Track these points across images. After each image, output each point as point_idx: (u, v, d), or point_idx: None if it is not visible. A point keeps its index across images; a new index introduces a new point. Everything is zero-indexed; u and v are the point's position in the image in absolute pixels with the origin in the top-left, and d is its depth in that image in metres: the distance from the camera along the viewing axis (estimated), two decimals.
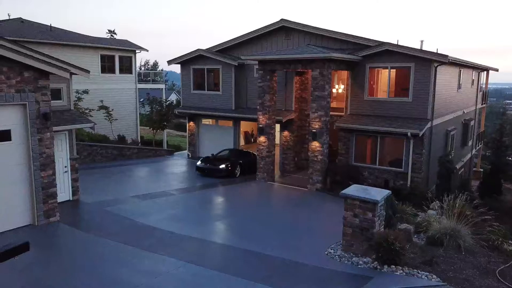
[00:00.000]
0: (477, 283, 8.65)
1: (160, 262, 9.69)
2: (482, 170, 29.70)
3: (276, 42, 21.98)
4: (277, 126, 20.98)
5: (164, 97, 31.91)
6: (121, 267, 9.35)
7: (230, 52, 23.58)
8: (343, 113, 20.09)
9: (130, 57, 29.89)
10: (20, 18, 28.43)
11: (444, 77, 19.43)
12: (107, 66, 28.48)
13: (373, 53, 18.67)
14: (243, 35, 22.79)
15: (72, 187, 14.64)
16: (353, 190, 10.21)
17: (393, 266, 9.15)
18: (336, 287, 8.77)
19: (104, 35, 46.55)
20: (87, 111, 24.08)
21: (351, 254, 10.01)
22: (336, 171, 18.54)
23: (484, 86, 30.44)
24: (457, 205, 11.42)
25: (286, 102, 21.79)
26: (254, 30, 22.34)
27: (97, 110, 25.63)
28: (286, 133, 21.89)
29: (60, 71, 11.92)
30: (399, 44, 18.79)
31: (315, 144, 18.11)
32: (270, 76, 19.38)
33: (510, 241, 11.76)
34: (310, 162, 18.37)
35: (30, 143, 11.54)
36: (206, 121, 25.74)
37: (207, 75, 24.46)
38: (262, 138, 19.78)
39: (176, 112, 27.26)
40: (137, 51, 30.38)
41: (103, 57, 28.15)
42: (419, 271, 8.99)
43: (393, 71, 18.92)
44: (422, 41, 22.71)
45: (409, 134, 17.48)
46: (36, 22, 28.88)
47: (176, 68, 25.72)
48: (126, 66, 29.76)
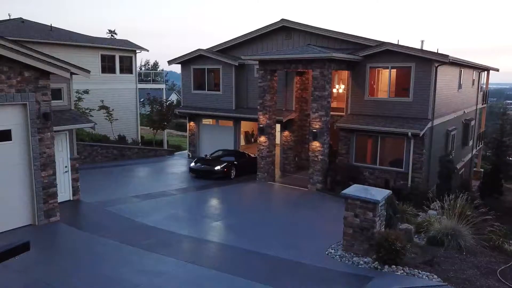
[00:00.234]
0: (478, 283, 8.65)
1: (160, 262, 9.69)
2: (483, 170, 29.69)
3: (277, 42, 21.97)
4: (278, 126, 20.97)
5: (165, 97, 31.92)
6: (122, 267, 9.35)
7: (231, 52, 23.57)
8: (344, 113, 20.09)
9: (131, 57, 29.89)
10: (21, 18, 28.40)
11: (445, 77, 19.42)
12: (108, 66, 28.48)
13: (374, 53, 18.66)
14: (244, 35, 22.79)
15: (73, 187, 14.64)
16: (354, 190, 10.22)
17: (394, 266, 9.16)
18: (337, 287, 8.77)
19: (105, 35, 46.61)
20: (88, 111, 24.10)
21: (352, 254, 10.01)
22: (337, 171, 18.53)
23: (485, 86, 30.42)
24: (458, 205, 11.43)
25: (287, 102, 21.79)
26: (255, 30, 22.33)
27: (98, 110, 25.64)
28: (287, 133, 21.89)
29: (61, 71, 11.92)
30: (400, 44, 18.79)
31: (316, 144, 18.10)
32: (271, 76, 19.37)
33: (511, 241, 11.76)
34: (311, 162, 18.36)
35: (31, 143, 11.54)
36: (207, 121, 25.73)
37: (208, 75, 24.46)
38: (263, 138, 19.78)
39: (177, 112, 27.26)
40: (138, 51, 30.38)
41: (104, 57, 28.15)
42: (420, 271, 8.99)
43: (394, 71, 18.91)
44: (423, 41, 22.73)
45: (410, 134, 17.48)
46: (37, 22, 28.86)
47: (177, 68, 25.92)
48: (127, 66, 29.75)
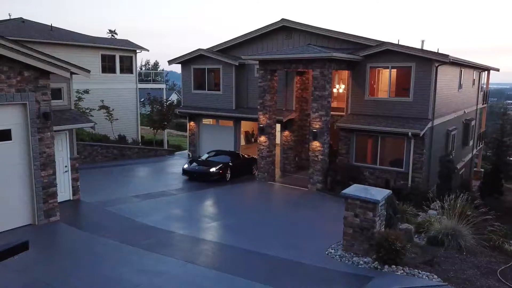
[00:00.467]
0: (478, 283, 8.63)
1: (160, 262, 9.68)
2: (483, 170, 29.67)
3: (277, 42, 21.96)
4: (278, 126, 20.97)
5: (165, 97, 31.90)
6: (121, 267, 9.34)
7: (231, 52, 23.56)
8: (344, 113, 20.08)
9: (131, 57, 29.88)
10: (21, 18, 28.38)
11: (445, 77, 19.40)
12: (108, 66, 28.47)
13: (374, 53, 18.65)
14: (244, 35, 22.78)
15: (73, 187, 14.64)
16: (354, 190, 10.21)
17: (394, 266, 9.15)
18: (337, 287, 8.76)
19: (105, 35, 46.57)
20: (88, 111, 24.10)
21: (352, 254, 10.00)
22: (337, 171, 18.51)
23: (485, 86, 30.39)
24: (458, 205, 11.41)
25: (287, 102, 21.78)
26: (255, 30, 22.32)
27: (98, 110, 25.63)
28: (287, 133, 21.88)
29: (61, 71, 11.91)
30: (400, 44, 18.78)
31: (316, 144, 18.09)
32: (271, 76, 19.37)
33: (511, 241, 11.75)
34: (311, 162, 18.35)
35: (31, 143, 11.53)
36: (207, 121, 25.72)
37: (208, 75, 24.45)
38: (263, 138, 19.77)
39: (177, 112, 27.26)
40: (138, 51, 30.36)
41: (104, 57, 28.14)
42: (420, 271, 8.98)
43: (394, 71, 18.90)
44: (423, 41, 22.67)
45: (410, 134, 17.47)
46: (37, 22, 28.84)
47: (177, 68, 25.90)
48: (127, 66, 29.74)
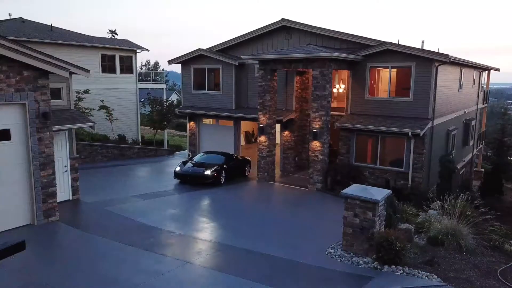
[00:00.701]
0: (478, 283, 8.62)
1: (160, 262, 9.67)
2: (483, 170, 29.64)
3: (277, 42, 21.94)
4: (278, 126, 20.95)
5: (165, 97, 31.90)
6: (121, 267, 9.32)
7: (231, 52, 23.55)
8: (344, 113, 20.05)
9: (131, 57, 29.88)
10: (21, 18, 28.38)
11: (445, 77, 19.38)
12: (108, 66, 28.46)
13: (374, 53, 18.62)
14: (244, 35, 22.76)
15: (72, 187, 14.62)
16: (354, 190, 10.19)
17: (394, 266, 9.13)
18: (336, 287, 8.74)
19: (105, 35, 46.56)
20: (88, 111, 24.08)
21: (352, 254, 9.99)
22: (337, 171, 18.49)
23: (485, 86, 30.37)
24: (458, 205, 11.41)
25: (287, 102, 21.75)
26: (255, 30, 22.30)
27: (98, 110, 25.62)
28: (287, 133, 21.85)
29: (60, 71, 11.90)
30: (400, 44, 18.76)
31: (316, 144, 18.07)
32: (271, 76, 19.34)
33: (511, 241, 11.72)
34: (311, 162, 18.33)
35: (30, 143, 11.52)
36: (207, 121, 25.71)
37: (208, 75, 24.43)
38: (263, 138, 19.75)
39: (177, 112, 27.24)
40: (138, 51, 30.36)
41: (104, 57, 28.14)
42: (420, 271, 8.97)
43: (394, 71, 18.88)
44: (423, 41, 22.61)
45: (410, 134, 17.44)
46: (37, 22, 28.84)
47: (177, 68, 25.95)
48: (127, 66, 29.73)
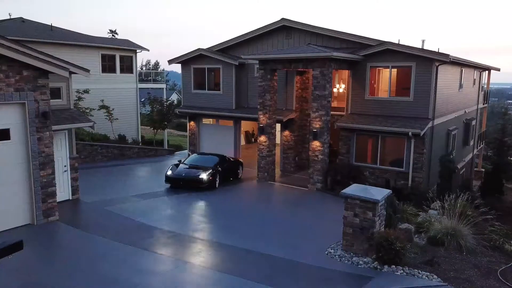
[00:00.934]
0: (478, 283, 8.60)
1: (160, 261, 9.66)
2: (484, 170, 29.60)
3: (277, 42, 21.92)
4: (278, 126, 20.92)
5: (165, 97, 31.88)
6: (120, 267, 9.32)
7: (231, 52, 23.53)
8: (344, 113, 20.02)
9: (131, 57, 29.86)
10: (21, 18, 28.37)
11: (446, 77, 19.35)
12: (108, 66, 28.45)
13: (374, 52, 18.59)
14: (244, 35, 22.74)
15: (72, 187, 14.61)
16: (353, 190, 10.17)
17: (394, 266, 9.11)
18: (336, 287, 8.72)
19: (105, 35, 46.54)
20: (88, 111, 24.07)
21: (352, 254, 9.97)
22: (337, 171, 18.47)
23: (486, 86, 30.34)
24: (458, 205, 11.39)
25: (287, 102, 21.73)
26: (255, 30, 22.27)
27: (98, 110, 25.61)
28: (287, 133, 21.83)
29: (59, 70, 11.89)
30: (400, 44, 18.73)
31: (316, 144, 18.05)
32: (271, 76, 19.32)
33: (511, 241, 11.70)
34: (311, 162, 18.31)
35: (29, 142, 11.51)
36: (207, 121, 25.68)
37: (208, 75, 24.41)
38: (263, 138, 19.73)
39: (177, 112, 27.23)
40: (138, 51, 30.34)
41: (104, 57, 28.13)
42: (420, 271, 8.95)
43: (394, 71, 18.85)
44: (424, 41, 22.55)
45: (410, 134, 17.41)
46: (37, 22, 28.83)
47: (177, 68, 25.89)
48: (127, 66, 29.72)
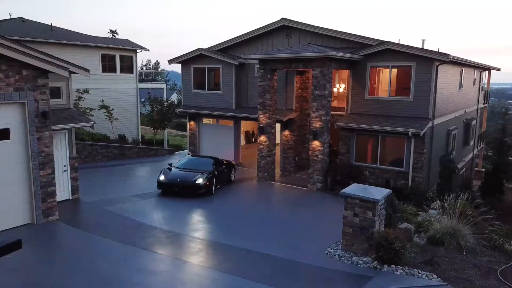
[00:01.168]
0: (478, 283, 8.59)
1: (160, 261, 9.66)
2: (484, 170, 29.58)
3: (277, 41, 21.91)
4: (278, 126, 20.91)
5: (165, 97, 31.90)
6: (120, 266, 9.31)
7: (231, 52, 23.52)
8: (344, 113, 20.01)
9: (131, 57, 29.86)
10: (21, 18, 28.37)
11: (446, 76, 19.34)
12: (108, 66, 28.45)
13: (374, 52, 18.58)
14: (244, 34, 22.73)
15: (72, 186, 14.61)
16: (353, 189, 10.17)
17: (393, 266, 9.11)
18: (336, 287, 8.71)
19: (106, 35, 46.54)
20: (88, 111, 24.07)
21: (351, 254, 9.96)
22: (337, 171, 18.46)
23: (486, 86, 30.32)
24: (458, 205, 11.38)
25: (287, 102, 21.72)
26: (255, 29, 22.27)
27: (98, 110, 25.60)
28: (287, 133, 21.82)
29: (59, 70, 11.89)
30: (400, 43, 18.72)
31: (316, 144, 18.04)
32: (271, 75, 19.32)
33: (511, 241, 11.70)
34: (311, 162, 18.30)
35: (29, 142, 11.51)
36: (207, 121, 25.68)
37: (208, 75, 24.41)
38: (263, 138, 19.72)
39: (177, 112, 27.23)
40: (138, 51, 30.33)
41: (104, 57, 28.12)
42: (420, 271, 8.94)
43: (394, 70, 18.83)
44: (424, 40, 22.59)
45: (410, 134, 17.40)
46: (37, 22, 28.83)
47: (178, 68, 25.87)
48: (127, 66, 29.72)
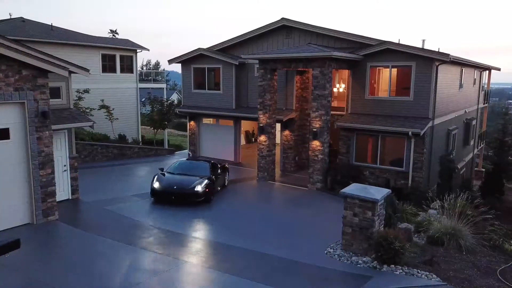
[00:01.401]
0: (478, 283, 8.59)
1: (159, 261, 9.66)
2: (484, 170, 29.57)
3: (277, 41, 21.91)
4: (278, 126, 20.91)
5: (165, 97, 31.90)
6: (120, 266, 9.32)
7: (231, 51, 23.52)
8: (344, 112, 20.01)
9: (131, 57, 29.86)
10: (21, 18, 28.35)
11: (446, 76, 19.33)
12: (108, 66, 28.45)
13: (374, 52, 18.57)
14: (244, 34, 22.73)
15: (71, 186, 14.60)
16: (353, 189, 10.16)
17: (393, 266, 9.11)
18: (336, 287, 8.71)
19: (106, 35, 46.54)
20: (88, 110, 24.07)
21: (351, 254, 9.96)
22: (337, 171, 18.46)
23: (486, 86, 30.31)
24: (458, 205, 11.38)
25: (287, 101, 21.71)
26: (255, 29, 22.26)
27: (98, 110, 25.61)
28: (287, 133, 21.82)
29: (59, 70, 11.89)
30: (401, 43, 18.71)
31: (316, 144, 18.04)
32: (271, 75, 19.32)
33: (511, 241, 11.69)
34: (311, 162, 18.30)
35: (29, 142, 11.51)
36: (207, 120, 25.69)
37: (208, 74, 24.41)
38: (263, 137, 19.72)
39: (177, 112, 27.24)
40: (138, 51, 30.33)
41: (104, 57, 28.13)
42: (419, 271, 8.94)
43: (394, 70, 18.82)
44: (424, 40, 22.55)
45: (410, 134, 17.39)
46: (37, 22, 28.82)
47: (178, 68, 25.91)
48: (127, 66, 29.72)
